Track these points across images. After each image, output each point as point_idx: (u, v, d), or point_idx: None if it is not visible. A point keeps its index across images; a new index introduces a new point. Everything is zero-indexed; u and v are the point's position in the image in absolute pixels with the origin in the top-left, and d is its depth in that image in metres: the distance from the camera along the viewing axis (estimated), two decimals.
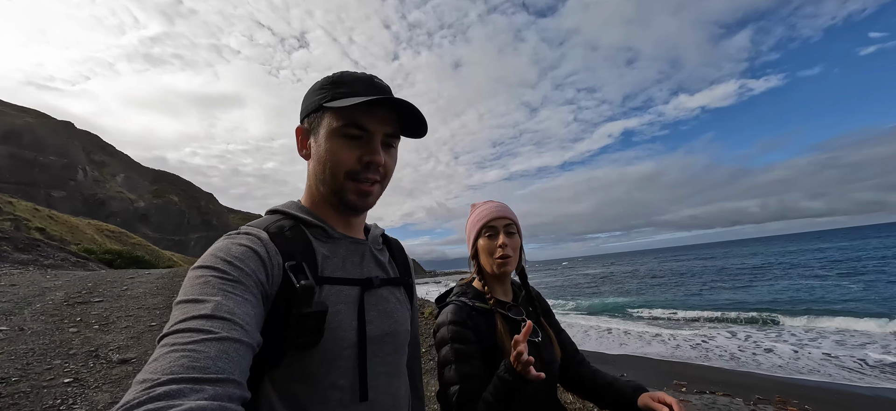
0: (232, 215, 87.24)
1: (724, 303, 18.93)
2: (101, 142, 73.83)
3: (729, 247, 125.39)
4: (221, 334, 0.49)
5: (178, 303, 0.54)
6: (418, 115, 0.74)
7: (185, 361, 0.44)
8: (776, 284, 23.68)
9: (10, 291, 5.72)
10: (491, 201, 1.32)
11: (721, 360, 9.02)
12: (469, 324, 1.14)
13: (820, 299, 16.86)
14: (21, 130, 63.88)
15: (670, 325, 14.37)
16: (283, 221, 0.73)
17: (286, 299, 0.63)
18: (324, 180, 0.74)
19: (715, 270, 39.03)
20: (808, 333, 10.99)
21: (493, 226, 1.23)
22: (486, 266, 1.24)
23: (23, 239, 11.32)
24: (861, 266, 28.19)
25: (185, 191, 77.21)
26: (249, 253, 0.62)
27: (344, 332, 0.69)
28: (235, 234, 0.67)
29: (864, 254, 38.26)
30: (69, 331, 4.15)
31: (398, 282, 0.85)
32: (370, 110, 0.71)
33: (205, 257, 0.61)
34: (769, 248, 79.28)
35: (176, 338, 0.48)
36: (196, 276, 0.57)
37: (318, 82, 0.75)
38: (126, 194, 67.72)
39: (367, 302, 0.74)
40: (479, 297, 1.22)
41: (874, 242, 59.24)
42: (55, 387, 2.97)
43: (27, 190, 53.88)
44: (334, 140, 0.72)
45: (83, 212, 51.34)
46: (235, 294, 0.56)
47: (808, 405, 5.53)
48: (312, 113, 0.74)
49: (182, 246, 58.60)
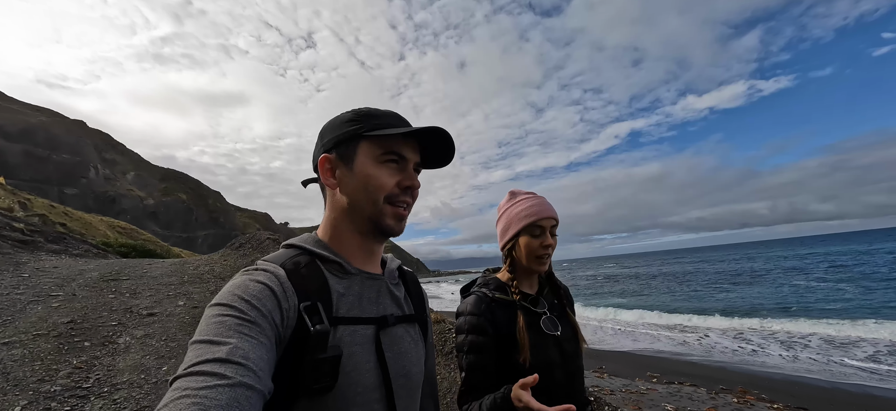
0: (239, 213, 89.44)
1: (714, 304, 20.04)
2: (113, 141, 76.38)
3: (736, 250, 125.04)
4: (235, 380, 0.50)
5: (194, 342, 0.54)
6: (447, 145, 0.81)
7: (195, 409, 0.45)
8: (770, 287, 24.50)
9: (54, 271, 7.09)
10: (533, 194, 1.31)
11: (697, 355, 9.91)
12: (486, 315, 1.16)
13: (811, 302, 17.82)
14: (35, 129, 66.35)
15: (658, 323, 15.50)
16: (300, 257, 0.73)
17: (299, 342, 0.63)
18: (362, 207, 0.75)
19: (713, 273, 39.69)
20: (788, 334, 11.89)
21: (542, 226, 1.23)
22: (527, 263, 1.24)
23: (51, 232, 12.80)
24: (860, 270, 28.67)
25: (194, 190, 79.50)
26: (267, 292, 0.62)
27: (359, 375, 0.68)
28: (253, 271, 0.67)
29: (870, 258, 38.57)
30: (109, 296, 5.50)
31: (413, 319, 0.85)
32: (403, 140, 0.76)
33: (223, 294, 0.61)
34: (773, 252, 79.07)
35: (188, 382, 0.48)
36: (213, 315, 0.58)
37: (345, 115, 0.78)
38: (136, 192, 70.01)
39: (383, 342, 0.74)
40: (501, 289, 1.24)
41: (883, 246, 59.17)
42: (107, 327, 4.30)
43: (41, 187, 56.05)
44: (376, 167, 0.74)
45: (94, 208, 53.36)
46: (252, 336, 0.56)
47: (765, 394, 6.20)
48: (343, 143, 0.76)
49: (190, 243, 60.61)
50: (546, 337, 1.19)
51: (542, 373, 1.08)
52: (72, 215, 24.59)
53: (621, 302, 23.90)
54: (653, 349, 11.04)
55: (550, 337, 1.19)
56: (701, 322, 15.03)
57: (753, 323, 13.88)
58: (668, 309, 18.99)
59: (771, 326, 13.23)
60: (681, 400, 5.07)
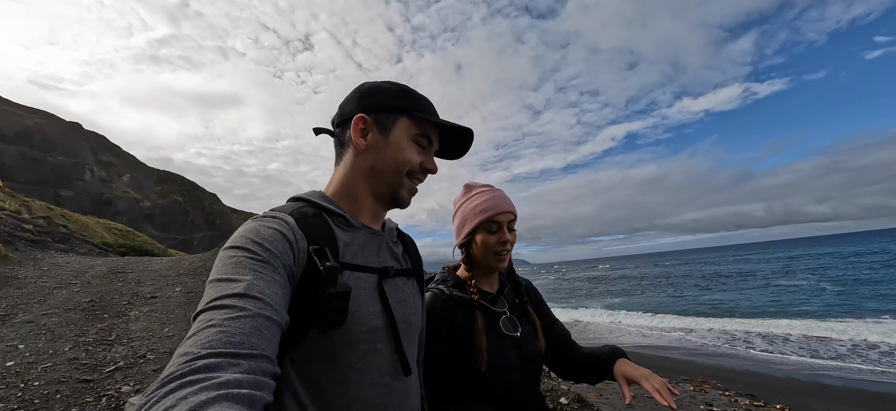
0: (235, 215, 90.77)
1: (698, 304, 21.41)
2: (108, 143, 77.88)
3: (731, 252, 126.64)
4: (254, 311, 0.54)
5: (212, 281, 0.60)
6: (466, 147, 0.94)
7: (222, 336, 0.49)
8: (754, 288, 25.81)
9: (68, 266, 8.40)
10: (490, 188, 1.27)
11: (673, 351, 11.03)
12: (441, 315, 1.14)
13: (786, 303, 19.06)
14: (31, 131, 67.71)
15: (644, 322, 16.81)
16: (306, 208, 0.79)
17: (310, 281, 0.69)
18: (385, 173, 0.84)
19: (701, 275, 40.90)
20: (759, 332, 13.11)
21: (498, 222, 1.20)
22: (484, 260, 1.22)
23: (57, 233, 14.14)
24: (840, 273, 29.79)
25: (190, 192, 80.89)
26: (278, 235, 0.68)
27: (363, 316, 0.74)
28: (263, 217, 0.73)
29: (856, 260, 39.71)
30: (118, 284, 6.80)
31: (411, 273, 0.92)
32: (434, 128, 0.87)
33: (235, 237, 0.67)
34: (766, 253, 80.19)
35: (212, 315, 0.53)
36: (228, 256, 0.63)
37: (391, 86, 0.86)
38: (132, 194, 71.40)
39: (386, 289, 0.81)
40: (459, 286, 1.21)
41: (871, 247, 60.49)
42: (119, 305, 5.59)
43: (36, 189, 57.21)
44: (409, 143, 0.84)
45: (91, 210, 54.66)
46: (265, 274, 0.61)
47: (722, 384, 6.86)
48: (384, 110, 0.83)
49: (186, 245, 61.91)
50: (505, 338, 1.17)
51: (499, 377, 1.11)
52: (69, 217, 25.79)
53: (614, 302, 25.27)
54: (632, 344, 12.21)
55: (509, 338, 1.17)
56: (684, 321, 16.33)
57: (731, 322, 15.14)
58: (656, 309, 20.27)
59: (746, 325, 14.44)
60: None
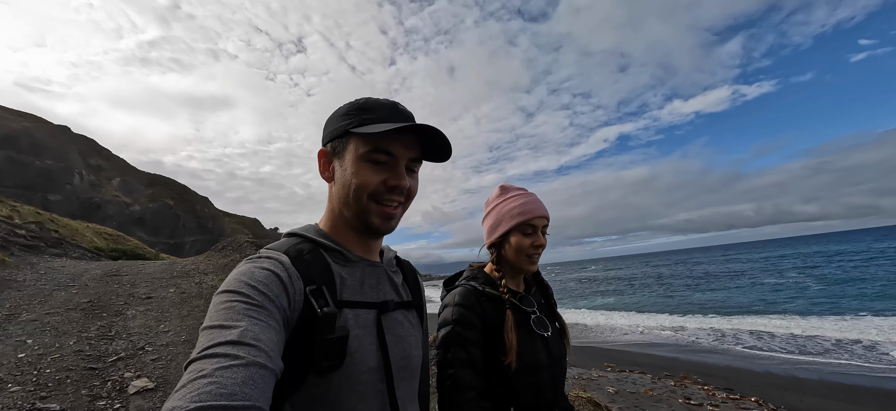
0: (227, 219, 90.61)
1: (686, 302, 21.92)
2: (98, 146, 77.54)
3: (721, 252, 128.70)
4: (248, 359, 0.53)
5: (205, 328, 0.58)
6: (443, 141, 0.80)
7: (212, 388, 0.48)
8: (741, 287, 26.52)
9: (63, 269, 8.77)
10: (525, 191, 1.29)
11: (659, 349, 11.26)
12: (476, 309, 1.15)
13: (771, 300, 19.65)
14: (18, 134, 67.23)
15: (632, 321, 17.34)
16: (302, 245, 0.77)
17: (307, 324, 0.68)
18: (348, 203, 0.79)
19: (690, 275, 41.74)
20: (742, 329, 13.58)
21: (534, 225, 1.22)
22: (515, 262, 1.24)
23: (49, 237, 14.43)
24: (830, 272, 30.57)
25: (181, 195, 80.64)
26: (273, 277, 0.66)
27: (362, 356, 0.74)
28: (257, 258, 0.72)
29: (845, 259, 40.66)
30: (114, 286, 7.19)
31: (411, 305, 0.91)
32: (395, 136, 0.77)
33: (229, 281, 0.65)
34: (754, 253, 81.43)
35: (203, 364, 0.51)
36: (221, 301, 0.61)
37: (343, 108, 0.81)
38: (122, 198, 71.11)
39: (385, 325, 0.80)
40: (489, 283, 1.22)
41: (855, 246, 61.93)
42: (117, 304, 6.00)
43: (24, 193, 56.81)
44: (360, 164, 0.77)
45: (79, 215, 54.47)
46: (260, 319, 0.60)
47: (702, 379, 7.26)
48: (337, 138, 0.80)
49: (177, 249, 61.81)
50: (535, 338, 1.18)
51: (529, 376, 1.12)
52: (58, 222, 25.92)
53: (606, 301, 25.92)
54: (621, 342, 12.66)
55: (539, 338, 1.18)
56: (672, 319, 16.87)
57: (717, 320, 15.66)
58: (646, 308, 20.88)
59: (731, 323, 14.94)
60: (624, 384, 5.85)
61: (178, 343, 4.61)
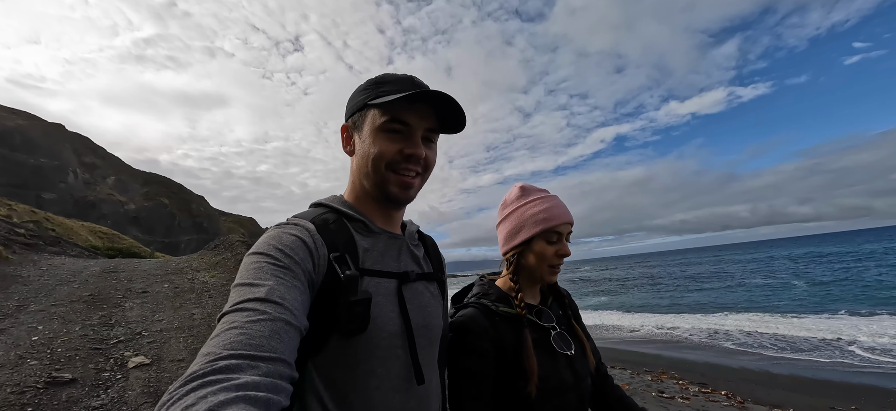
0: (223, 218, 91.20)
1: (675, 302, 23.02)
2: (92, 145, 77.99)
3: (716, 252, 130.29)
4: (274, 315, 0.58)
5: (236, 285, 0.64)
6: (457, 108, 0.83)
7: (242, 338, 0.53)
8: (730, 286, 27.50)
9: (64, 267, 9.42)
10: (547, 193, 1.18)
11: (641, 346, 12.07)
12: (489, 334, 1.05)
13: (759, 300, 20.72)
14: (12, 132, 67.56)
15: (621, 320, 18.17)
16: (327, 214, 0.84)
17: (331, 288, 0.73)
18: (367, 174, 0.85)
19: (683, 275, 42.57)
20: (723, 325, 14.52)
21: (559, 232, 1.11)
22: (536, 271, 1.13)
23: (47, 236, 15.04)
24: (817, 272, 31.39)
25: (176, 194, 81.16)
26: (299, 242, 0.72)
27: (383, 322, 0.78)
28: (285, 225, 0.78)
29: (834, 260, 41.52)
30: (112, 281, 7.85)
31: (432, 277, 0.95)
32: (411, 106, 0.81)
33: (259, 244, 0.72)
34: (747, 254, 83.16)
35: (234, 317, 0.57)
36: (251, 262, 0.68)
37: (363, 84, 0.87)
38: (117, 196, 71.62)
39: (405, 295, 0.83)
40: (503, 300, 1.12)
41: (844, 248, 63.74)
42: (115, 298, 6.65)
43: (18, 192, 57.18)
44: (378, 134, 0.82)
45: (74, 213, 54.97)
46: (286, 280, 0.65)
47: (678, 374, 7.81)
48: (357, 111, 0.86)
49: (172, 248, 62.40)
50: (557, 358, 1.08)
51: (553, 401, 1.04)
52: (53, 220, 26.52)
53: (600, 301, 26.78)
54: (610, 339, 13.22)
55: (562, 357, 1.08)
56: (661, 318, 17.71)
57: (704, 319, 16.52)
58: (637, 308, 21.61)
59: (717, 321, 15.82)
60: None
61: (170, 329, 5.27)
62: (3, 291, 6.60)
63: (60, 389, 3.51)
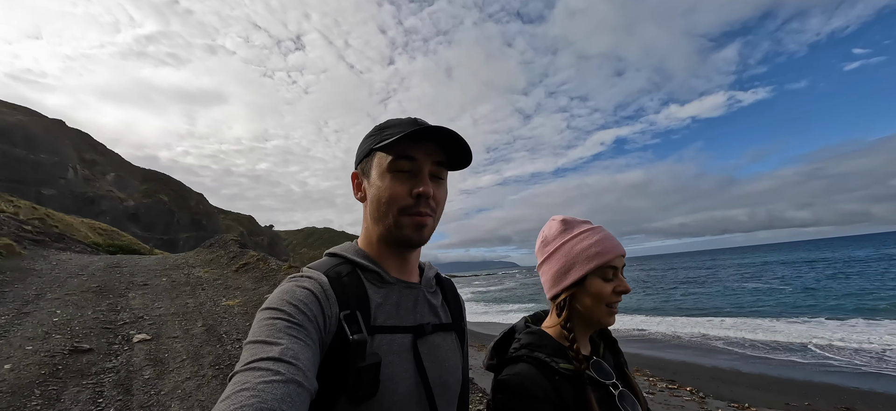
0: (222, 216, 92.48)
1: (662, 304, 23.97)
2: (92, 141, 79.37)
3: (711, 256, 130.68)
4: (288, 376, 0.57)
5: (249, 343, 0.63)
6: (461, 142, 0.82)
7: (254, 402, 0.52)
8: (718, 290, 28.53)
9: (71, 262, 10.52)
10: (591, 225, 1.06)
11: (631, 344, 12.59)
12: (551, 398, 0.89)
13: (745, 303, 21.52)
14: (12, 128, 68.79)
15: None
16: (341, 266, 0.82)
17: (339, 348, 0.71)
18: (379, 218, 0.83)
19: (675, 278, 43.56)
20: (712, 328, 15.21)
21: (614, 267, 0.99)
22: (593, 314, 0.99)
23: (52, 232, 16.17)
24: (807, 277, 32.16)
25: (176, 191, 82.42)
26: (312, 297, 0.71)
27: (395, 385, 0.75)
28: (299, 277, 0.77)
29: (825, 265, 42.35)
30: (116, 275, 8.93)
31: (450, 327, 0.92)
32: (416, 144, 0.81)
33: (273, 299, 0.71)
34: (743, 259, 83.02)
35: (246, 377, 0.56)
36: (265, 318, 0.67)
37: (368, 132, 0.89)
38: (116, 193, 72.90)
39: (421, 350, 0.81)
40: (560, 354, 0.96)
41: (842, 253, 64.05)
42: (120, 289, 7.72)
43: (18, 188, 58.23)
44: (385, 177, 0.82)
45: (73, 210, 56.02)
46: (299, 338, 0.64)
47: (650, 370, 8.40)
48: (364, 158, 0.87)
49: (170, 245, 63.62)
50: None
51: None
52: (53, 217, 27.70)
53: None
54: None
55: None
56: (648, 320, 18.58)
57: (688, 321, 17.36)
58: (621, 309, 22.53)
59: (698, 323, 16.62)
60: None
61: (168, 315, 6.33)
62: (22, 282, 7.69)
63: (81, 356, 4.58)
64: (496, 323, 20.53)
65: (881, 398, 6.86)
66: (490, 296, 43.53)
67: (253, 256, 10.48)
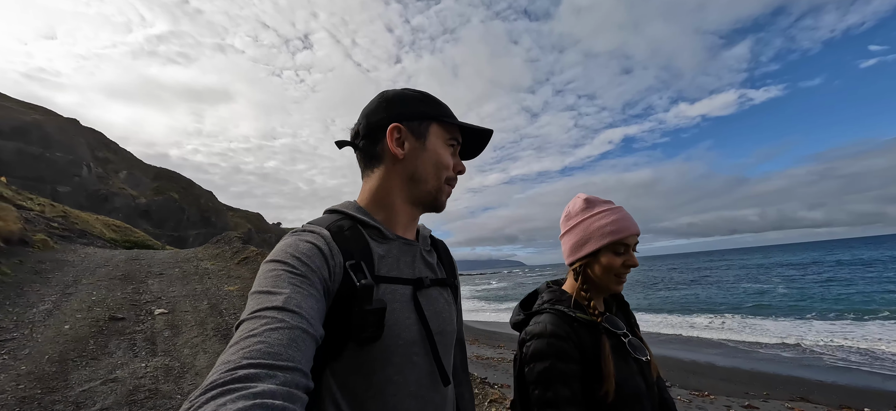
0: (230, 213, 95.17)
1: (657, 301, 25.45)
2: (105, 139, 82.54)
3: (722, 257, 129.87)
4: (292, 323, 0.61)
5: (253, 292, 0.67)
6: (482, 145, 1.04)
7: (261, 347, 0.56)
8: (715, 289, 29.69)
9: (96, 255, 12.37)
10: (612, 205, 1.25)
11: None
12: (572, 339, 1.10)
13: (738, 302, 22.71)
14: (29, 126, 71.56)
15: None
16: (342, 221, 0.87)
17: (346, 296, 0.76)
18: (425, 179, 0.92)
19: (669, 278, 45.46)
20: (698, 323, 16.49)
21: (627, 244, 1.18)
22: (603, 282, 1.20)
23: (74, 229, 18.15)
24: (806, 278, 32.93)
25: (186, 189, 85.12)
26: (315, 250, 0.75)
27: (399, 329, 0.81)
28: (302, 232, 0.81)
29: (830, 267, 42.69)
30: (136, 266, 10.73)
31: (445, 282, 1.00)
32: (459, 132, 0.97)
33: (276, 251, 0.75)
34: (750, 260, 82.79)
35: (252, 324, 0.60)
36: (268, 269, 0.71)
37: (416, 93, 0.95)
38: (128, 190, 75.71)
39: (421, 300, 0.88)
40: (578, 307, 1.19)
41: (844, 254, 64.58)
42: (140, 277, 9.51)
43: (34, 185, 60.34)
44: (444, 147, 0.94)
45: (87, 206, 58.33)
46: (302, 288, 0.68)
47: None
48: (416, 119, 0.92)
49: (180, 241, 66.05)
50: (631, 363, 1.15)
51: (630, 407, 1.09)
52: (70, 214, 29.87)
53: None
54: None
55: (635, 363, 1.16)
56: (637, 316, 19.83)
57: (674, 318, 18.61)
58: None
59: (687, 319, 17.88)
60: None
61: (180, 296, 8.04)
62: (60, 271, 9.49)
63: (117, 322, 6.28)
64: (498, 321, 21.04)
65: (838, 389, 7.26)
66: (491, 294, 44.74)
67: (253, 251, 12.22)
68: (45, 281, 8.37)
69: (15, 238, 10.73)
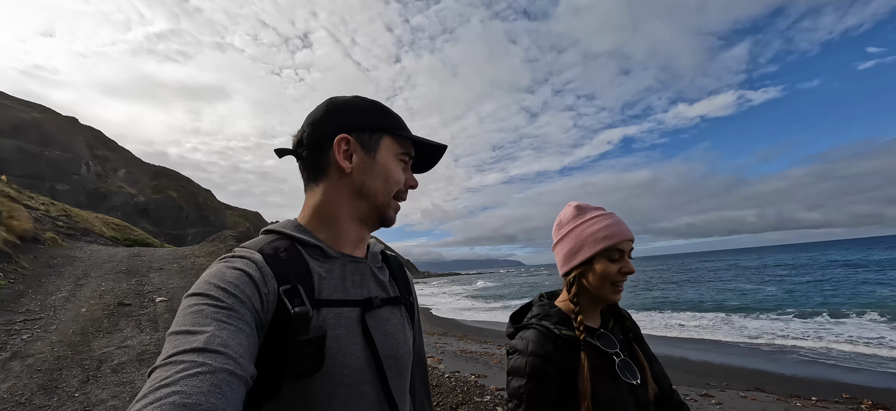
0: (229, 211, 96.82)
1: (649, 299, 26.02)
2: (104, 138, 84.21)
3: (718, 257, 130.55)
4: (215, 366, 0.53)
5: (171, 333, 0.58)
6: (435, 161, 1.01)
7: (175, 398, 0.47)
8: (706, 289, 30.47)
9: (101, 252, 13.68)
10: (604, 210, 1.24)
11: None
12: (553, 358, 1.09)
13: (723, 300, 23.31)
14: (28, 125, 73.26)
15: None
16: (278, 242, 0.79)
17: (281, 325, 0.68)
18: (374, 193, 0.87)
19: (662, 278, 45.97)
20: (679, 321, 17.06)
21: (621, 250, 1.16)
22: (598, 291, 1.17)
23: (77, 227, 19.49)
24: (796, 278, 33.66)
25: (184, 187, 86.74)
26: (244, 277, 0.67)
27: (343, 358, 0.74)
28: (230, 258, 0.73)
29: (826, 267, 43.61)
30: (138, 262, 12.06)
31: (398, 301, 0.94)
32: (411, 145, 0.94)
33: (199, 284, 0.66)
34: (746, 260, 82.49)
35: (166, 371, 0.51)
36: (189, 305, 0.62)
37: (366, 102, 0.91)
38: (127, 189, 77.37)
39: (370, 323, 0.81)
40: (564, 322, 1.17)
41: (837, 254, 64.26)
42: (142, 271, 10.85)
43: (33, 183, 61.83)
44: (395, 162, 0.90)
45: (86, 205, 59.86)
46: (229, 323, 0.60)
47: None
48: (367, 130, 0.87)
49: (179, 240, 67.57)
50: (621, 386, 1.12)
51: None
52: (70, 212, 31.13)
53: None
54: None
55: (625, 385, 1.12)
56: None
57: (666, 315, 19.22)
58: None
59: (672, 316, 18.49)
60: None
61: (178, 287, 9.33)
62: (71, 265, 10.80)
63: (125, 307, 7.56)
64: (497, 320, 21.62)
65: (794, 380, 7.50)
66: (488, 293, 45.84)
67: None
68: (59, 274, 9.67)
69: (29, 236, 12.05)
